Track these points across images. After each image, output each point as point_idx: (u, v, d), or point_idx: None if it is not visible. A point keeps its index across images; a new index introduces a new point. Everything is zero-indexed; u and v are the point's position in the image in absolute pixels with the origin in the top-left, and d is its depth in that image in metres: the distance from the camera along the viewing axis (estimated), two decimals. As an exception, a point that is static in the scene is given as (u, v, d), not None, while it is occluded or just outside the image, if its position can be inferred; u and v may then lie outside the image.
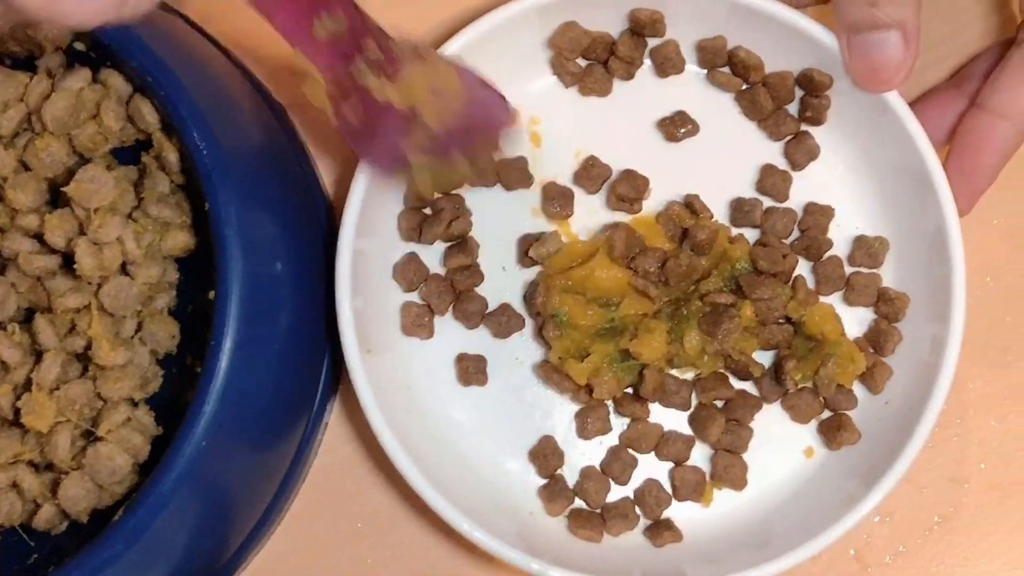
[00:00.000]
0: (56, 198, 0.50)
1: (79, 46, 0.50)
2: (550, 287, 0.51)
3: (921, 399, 0.50)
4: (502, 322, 0.53)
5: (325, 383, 0.52)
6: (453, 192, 0.53)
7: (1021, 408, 0.55)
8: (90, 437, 0.49)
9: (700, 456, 0.53)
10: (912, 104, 0.53)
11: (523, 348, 0.54)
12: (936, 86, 0.55)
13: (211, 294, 0.45)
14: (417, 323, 0.53)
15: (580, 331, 0.51)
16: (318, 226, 0.53)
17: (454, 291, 0.53)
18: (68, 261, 0.48)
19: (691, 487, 0.52)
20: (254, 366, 0.46)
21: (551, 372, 0.51)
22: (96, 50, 0.50)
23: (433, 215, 0.53)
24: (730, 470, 0.52)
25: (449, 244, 0.53)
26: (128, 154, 0.52)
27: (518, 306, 0.54)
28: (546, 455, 0.52)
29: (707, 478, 0.52)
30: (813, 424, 0.53)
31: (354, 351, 0.49)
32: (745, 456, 0.52)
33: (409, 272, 0.52)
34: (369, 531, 0.55)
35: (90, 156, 0.50)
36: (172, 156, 0.49)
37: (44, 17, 0.33)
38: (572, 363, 0.51)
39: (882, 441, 0.51)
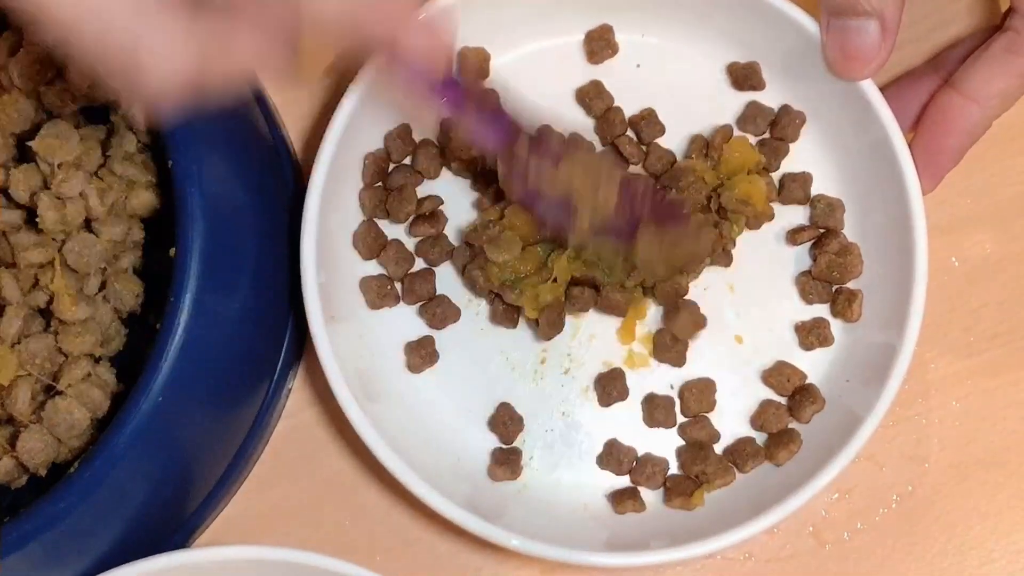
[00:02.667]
0: (24, 154, 0.50)
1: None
2: (483, 265, 0.51)
3: (880, 378, 0.50)
4: (436, 313, 0.53)
5: (289, 346, 0.53)
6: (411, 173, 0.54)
7: (982, 389, 0.55)
8: (50, 392, 0.49)
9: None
10: (890, 84, 0.54)
11: (481, 319, 0.54)
12: (915, 68, 0.55)
13: (172, 251, 0.46)
14: (381, 294, 0.53)
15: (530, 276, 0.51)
16: (284, 186, 0.53)
17: (412, 259, 0.53)
18: (33, 216, 0.48)
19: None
20: (214, 325, 0.47)
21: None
22: (66, 8, 0.50)
23: (397, 191, 0.53)
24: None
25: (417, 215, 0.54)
26: (98, 113, 0.52)
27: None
28: (505, 423, 0.52)
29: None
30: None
31: (318, 319, 0.49)
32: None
33: (369, 239, 0.53)
34: (330, 495, 0.55)
35: (58, 113, 0.50)
36: (140, 115, 0.49)
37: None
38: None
39: (841, 419, 0.51)
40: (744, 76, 0.54)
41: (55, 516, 0.44)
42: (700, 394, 0.53)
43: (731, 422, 0.53)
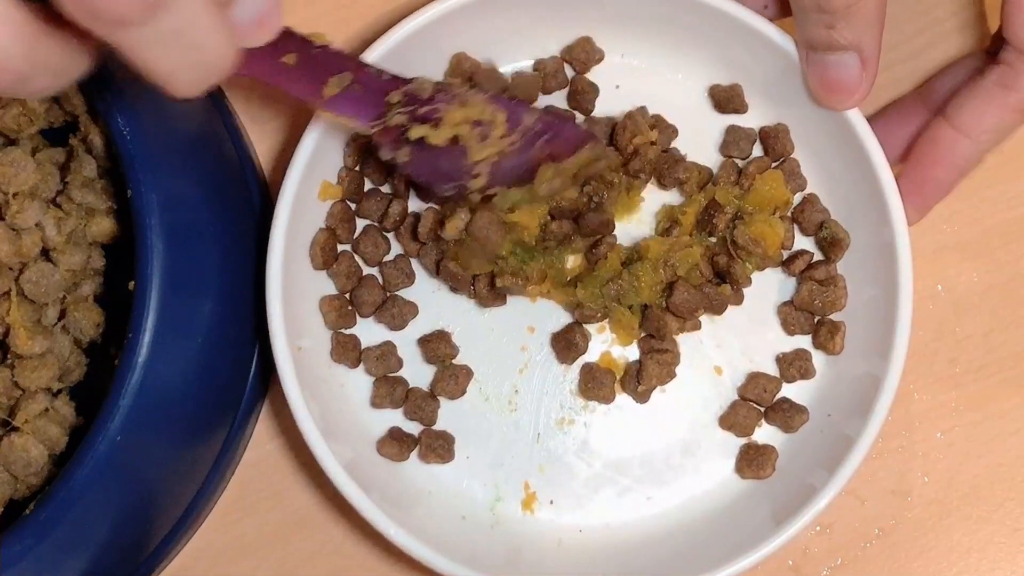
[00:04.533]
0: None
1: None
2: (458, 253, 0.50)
3: (863, 411, 0.48)
4: (395, 314, 0.52)
5: (254, 378, 0.51)
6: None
7: (967, 422, 0.54)
8: (6, 427, 0.47)
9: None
10: (877, 115, 0.53)
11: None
12: (902, 97, 0.53)
13: (132, 285, 0.44)
14: (342, 313, 0.52)
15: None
16: (250, 210, 0.52)
17: (361, 273, 0.52)
18: (-13, 246, 0.47)
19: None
20: (175, 360, 0.45)
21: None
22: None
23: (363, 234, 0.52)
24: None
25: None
26: (58, 135, 0.50)
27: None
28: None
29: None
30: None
31: (284, 353, 0.48)
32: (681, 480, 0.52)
33: (326, 249, 0.51)
34: (296, 528, 0.54)
35: (16, 137, 0.49)
36: (99, 140, 0.48)
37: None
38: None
39: (823, 454, 0.50)
40: (727, 99, 0.53)
41: (11, 558, 0.43)
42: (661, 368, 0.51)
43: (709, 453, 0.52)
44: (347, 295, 0.52)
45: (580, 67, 0.54)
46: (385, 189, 0.53)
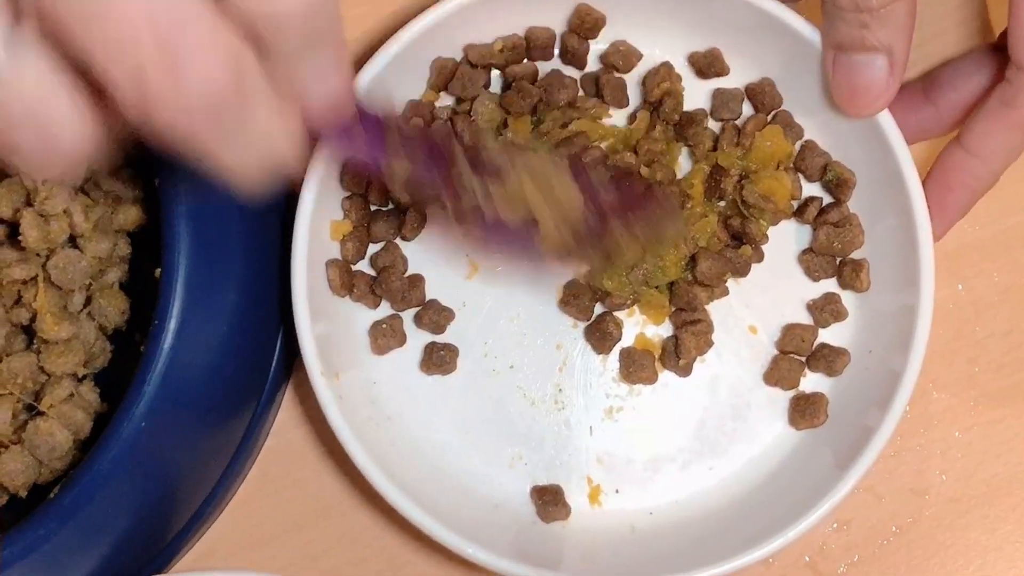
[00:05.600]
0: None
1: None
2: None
3: (903, 343, 0.49)
4: (434, 319, 0.52)
5: (277, 365, 0.52)
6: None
7: (986, 420, 0.54)
8: (32, 411, 0.48)
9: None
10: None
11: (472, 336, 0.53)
12: (904, 84, 0.53)
13: (158, 272, 0.44)
14: (387, 335, 0.52)
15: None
16: (273, 202, 0.52)
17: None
18: (16, 232, 0.47)
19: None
20: (199, 348, 0.45)
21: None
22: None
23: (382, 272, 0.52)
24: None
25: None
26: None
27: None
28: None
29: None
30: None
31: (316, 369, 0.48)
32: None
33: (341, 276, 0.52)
34: (317, 517, 0.54)
35: (44, 125, 0.49)
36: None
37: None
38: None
39: (872, 392, 0.50)
40: (707, 64, 0.53)
41: (34, 542, 0.43)
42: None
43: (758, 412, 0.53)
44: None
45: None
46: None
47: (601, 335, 0.52)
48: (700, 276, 0.50)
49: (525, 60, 0.53)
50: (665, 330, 0.53)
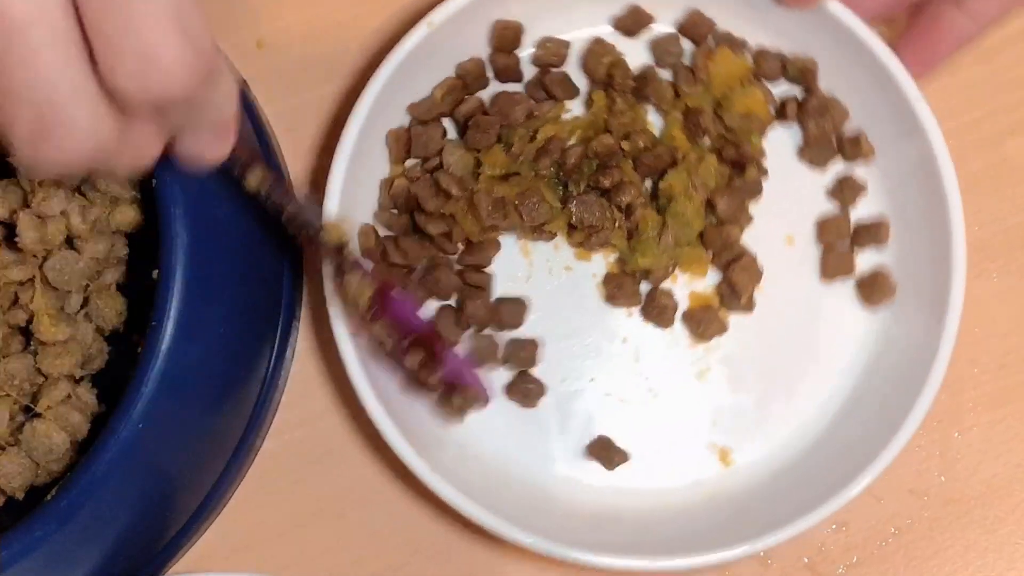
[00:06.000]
0: (4, 170, 0.49)
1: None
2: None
3: (932, 191, 0.50)
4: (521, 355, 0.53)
5: (275, 367, 0.51)
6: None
7: (985, 420, 0.54)
8: (29, 413, 0.48)
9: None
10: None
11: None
12: None
13: (155, 273, 0.44)
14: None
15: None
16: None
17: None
18: (13, 233, 0.47)
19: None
20: (197, 349, 0.45)
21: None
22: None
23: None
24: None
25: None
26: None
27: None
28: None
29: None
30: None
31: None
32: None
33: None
34: (314, 518, 0.54)
35: (40, 125, 0.49)
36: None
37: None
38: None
39: (928, 246, 0.51)
40: (632, 22, 0.54)
41: (32, 544, 0.43)
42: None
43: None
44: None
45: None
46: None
47: (659, 311, 0.52)
48: (723, 215, 0.51)
49: (466, 97, 0.53)
50: (711, 278, 0.53)
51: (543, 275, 0.53)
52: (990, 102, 0.56)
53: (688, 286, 0.53)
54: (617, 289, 0.52)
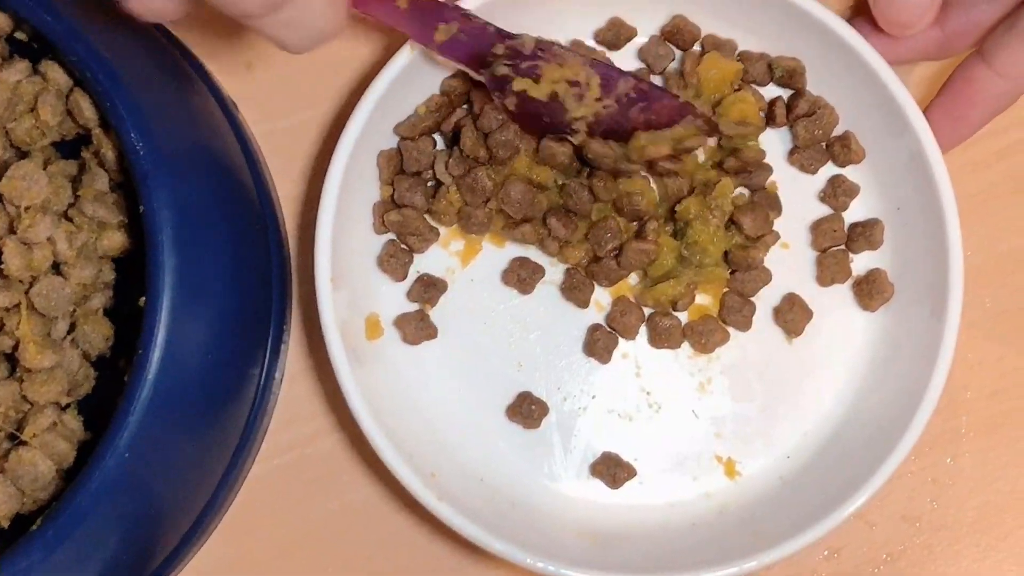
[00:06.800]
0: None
1: (20, 35, 0.49)
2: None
3: (923, 185, 0.50)
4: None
5: (263, 393, 0.51)
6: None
7: (977, 448, 0.54)
8: (15, 440, 0.47)
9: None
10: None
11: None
12: None
13: (142, 300, 0.44)
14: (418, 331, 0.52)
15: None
16: (261, 227, 0.51)
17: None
18: (-2, 258, 0.46)
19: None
20: (183, 377, 0.45)
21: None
22: (37, 40, 0.48)
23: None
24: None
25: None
26: (70, 147, 0.50)
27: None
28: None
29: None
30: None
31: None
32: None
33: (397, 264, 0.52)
34: (303, 544, 0.53)
35: (27, 150, 0.48)
36: (111, 154, 0.48)
37: None
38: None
39: (924, 245, 0.51)
40: (615, 35, 0.53)
41: (17, 574, 0.43)
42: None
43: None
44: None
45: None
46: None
47: (665, 335, 0.52)
48: (750, 231, 0.51)
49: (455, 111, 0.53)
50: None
51: (543, 292, 0.53)
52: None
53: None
54: (620, 315, 0.52)
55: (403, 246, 0.52)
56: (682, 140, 0.49)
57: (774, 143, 0.53)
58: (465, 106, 0.52)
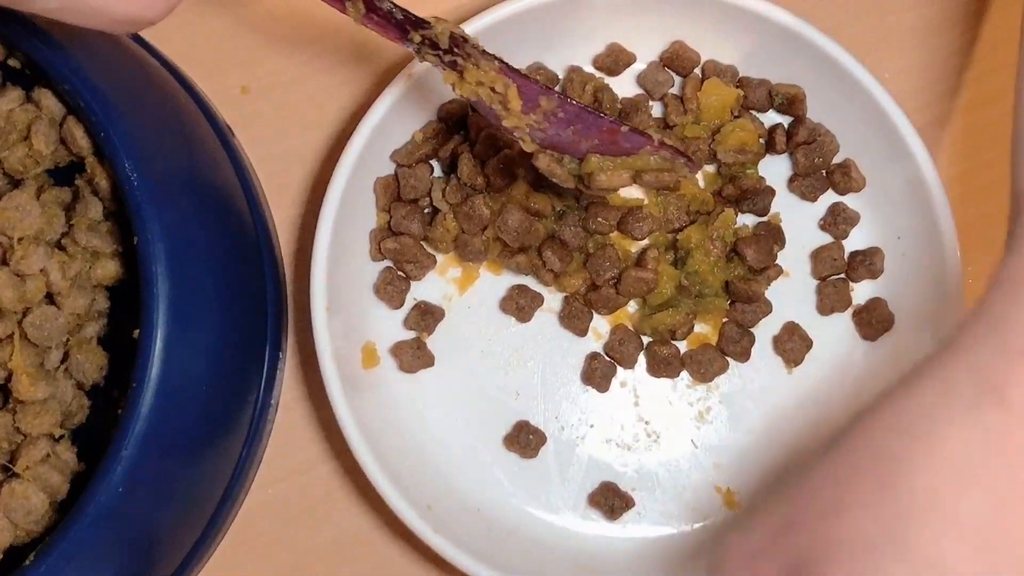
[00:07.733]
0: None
1: (13, 63, 0.48)
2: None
3: (924, 213, 0.50)
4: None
5: (257, 424, 0.50)
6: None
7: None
8: (7, 472, 0.47)
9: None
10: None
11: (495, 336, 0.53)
12: None
13: (136, 333, 0.43)
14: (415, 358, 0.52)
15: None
16: (257, 258, 0.51)
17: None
18: (-10, 288, 0.46)
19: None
20: (177, 410, 0.44)
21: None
22: (31, 68, 0.48)
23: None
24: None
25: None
26: (64, 174, 0.50)
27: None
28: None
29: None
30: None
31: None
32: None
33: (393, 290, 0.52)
34: (296, 573, 0.53)
35: (21, 178, 0.48)
36: (104, 183, 0.47)
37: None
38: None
39: (921, 275, 0.51)
40: (612, 62, 0.53)
41: (9, 610, 0.42)
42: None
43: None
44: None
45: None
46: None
47: (664, 364, 0.51)
48: (753, 263, 0.50)
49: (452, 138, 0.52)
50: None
51: (541, 320, 0.53)
52: (983, 153, 0.56)
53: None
54: (619, 344, 0.52)
55: (400, 273, 0.52)
56: (644, 171, 0.47)
57: (774, 170, 0.53)
58: (462, 133, 0.52)
